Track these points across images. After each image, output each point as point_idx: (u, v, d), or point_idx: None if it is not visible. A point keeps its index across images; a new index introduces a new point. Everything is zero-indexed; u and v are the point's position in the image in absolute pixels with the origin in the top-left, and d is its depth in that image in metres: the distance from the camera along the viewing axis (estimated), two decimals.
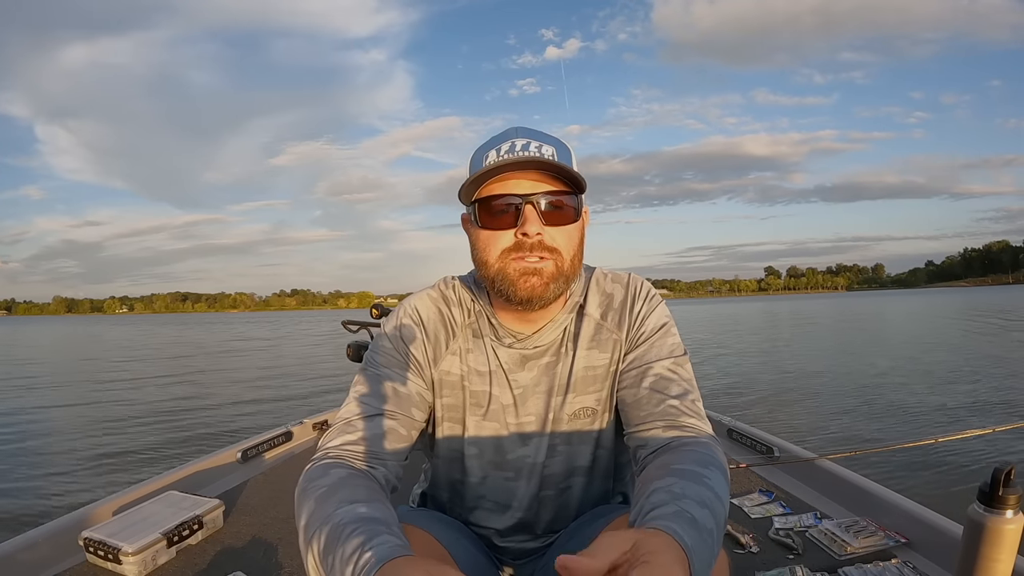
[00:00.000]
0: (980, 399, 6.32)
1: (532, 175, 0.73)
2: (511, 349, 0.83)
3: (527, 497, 0.87)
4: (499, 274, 0.75)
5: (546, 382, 0.84)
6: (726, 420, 2.64)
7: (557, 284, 0.75)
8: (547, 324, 0.83)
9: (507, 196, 0.73)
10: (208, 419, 6.71)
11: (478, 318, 0.85)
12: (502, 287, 0.75)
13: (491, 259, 0.75)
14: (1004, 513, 0.91)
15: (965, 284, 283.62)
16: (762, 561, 1.50)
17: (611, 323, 0.84)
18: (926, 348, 12.03)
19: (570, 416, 0.83)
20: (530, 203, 0.72)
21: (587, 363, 0.83)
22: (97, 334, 37.81)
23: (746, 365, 10.34)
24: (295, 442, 2.73)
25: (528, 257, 0.74)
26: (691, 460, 0.65)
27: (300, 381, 10.14)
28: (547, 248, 0.74)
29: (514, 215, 0.73)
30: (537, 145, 0.75)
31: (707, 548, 0.53)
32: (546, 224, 0.73)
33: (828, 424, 5.43)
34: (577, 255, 0.78)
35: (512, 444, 0.84)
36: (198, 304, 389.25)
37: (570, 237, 0.76)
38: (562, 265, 0.75)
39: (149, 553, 1.53)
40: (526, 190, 0.73)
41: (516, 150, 0.74)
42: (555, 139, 0.78)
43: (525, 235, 0.73)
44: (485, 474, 0.86)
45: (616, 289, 0.86)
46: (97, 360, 16.65)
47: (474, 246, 0.79)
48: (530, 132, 0.77)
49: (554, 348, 0.84)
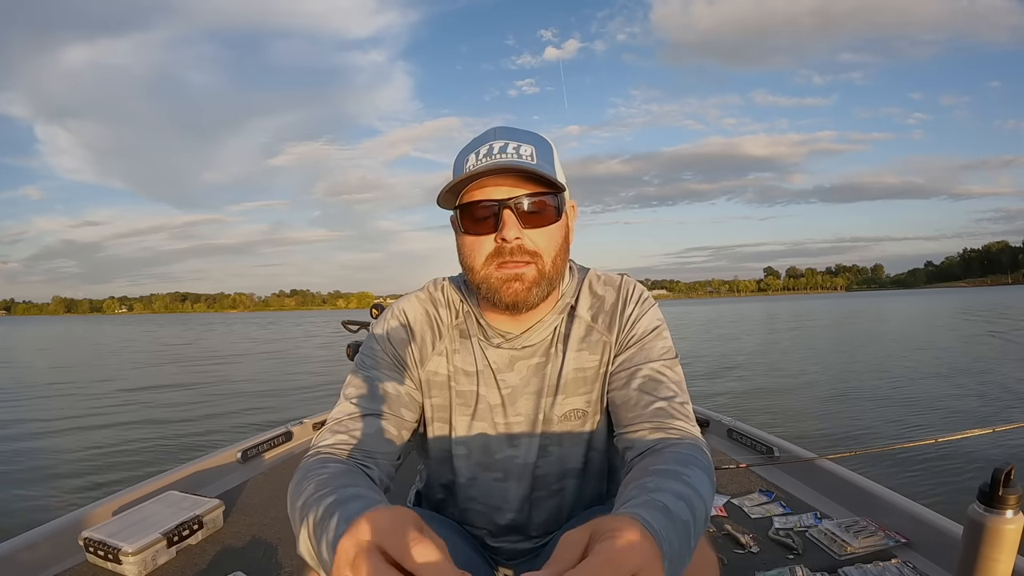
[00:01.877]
0: (980, 399, 6.32)
1: (509, 179, 0.73)
2: (499, 349, 0.84)
3: (518, 498, 0.86)
4: (484, 281, 0.76)
5: (536, 383, 0.84)
6: (726, 420, 2.64)
7: (540, 288, 0.76)
8: (536, 324, 0.83)
9: (485, 202, 0.73)
10: (208, 419, 6.70)
11: (466, 318, 0.86)
12: (488, 294, 0.76)
13: (476, 265, 0.76)
14: (1004, 513, 0.91)
15: (964, 285, 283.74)
16: (762, 561, 1.50)
17: (601, 325, 0.84)
18: (926, 348, 12.03)
19: (560, 417, 0.83)
20: (507, 207, 0.72)
21: (577, 364, 0.83)
22: (97, 334, 37.83)
23: (746, 365, 10.33)
24: (295, 442, 2.73)
25: (509, 263, 0.74)
26: (672, 460, 0.65)
27: (300, 381, 10.14)
28: (527, 252, 0.74)
29: (493, 220, 0.73)
30: (515, 147, 0.74)
31: (680, 538, 0.52)
32: (525, 227, 0.73)
33: (828, 424, 5.42)
34: (560, 255, 0.78)
35: (501, 445, 0.84)
36: (197, 304, 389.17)
37: (551, 238, 0.76)
38: (543, 268, 0.75)
39: (149, 553, 1.53)
40: (504, 195, 0.73)
41: (493, 153, 0.73)
42: (536, 136, 0.78)
43: (504, 240, 0.73)
44: (474, 475, 0.86)
45: (608, 292, 0.86)
46: (97, 360, 16.64)
47: (459, 251, 0.79)
48: (509, 132, 0.77)
49: (544, 348, 0.84)
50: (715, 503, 1.92)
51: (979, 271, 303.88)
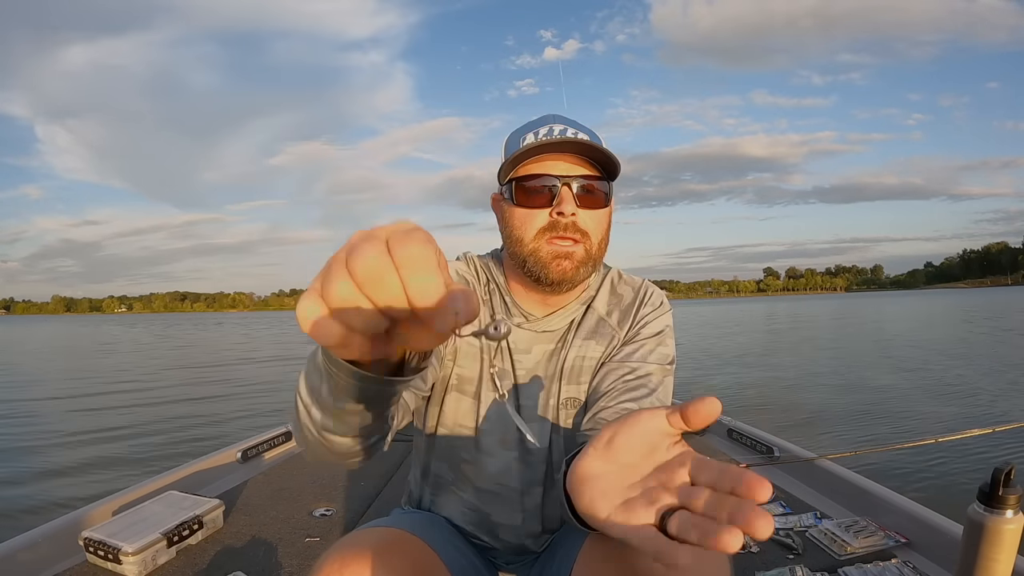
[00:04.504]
0: (980, 399, 6.32)
1: (569, 158, 0.76)
2: (520, 329, 0.85)
3: (531, 482, 0.87)
4: (532, 255, 0.78)
5: (548, 368, 0.86)
6: (726, 420, 2.63)
7: (586, 267, 0.79)
8: (560, 310, 0.85)
9: (544, 176, 0.76)
10: (208, 419, 6.70)
11: (491, 295, 0.87)
12: (534, 268, 0.78)
13: (526, 237, 0.78)
14: (1004, 513, 0.91)
15: (964, 285, 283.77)
16: (762, 561, 1.50)
17: (614, 320, 0.86)
18: (925, 348, 12.03)
19: (563, 404, 0.85)
20: (567, 184, 0.75)
21: (581, 353, 0.85)
22: (96, 334, 37.80)
23: (746, 365, 10.34)
24: (295, 442, 2.73)
25: (561, 240, 0.76)
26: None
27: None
28: (579, 230, 0.76)
29: (549, 195, 0.76)
30: (574, 132, 0.78)
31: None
32: (579, 207, 0.76)
33: (828, 424, 5.42)
34: (604, 240, 0.81)
35: (512, 424, 0.84)
36: (197, 304, 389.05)
37: (600, 222, 0.79)
38: (591, 249, 0.78)
39: (149, 553, 1.53)
40: (562, 171, 0.76)
41: (555, 134, 0.77)
42: (588, 128, 0.81)
43: (560, 215, 0.75)
44: (492, 452, 0.86)
45: (627, 291, 0.89)
46: (97, 360, 16.63)
47: (508, 223, 0.80)
48: (566, 120, 0.81)
49: (560, 335, 0.86)
50: None
51: (979, 272, 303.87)
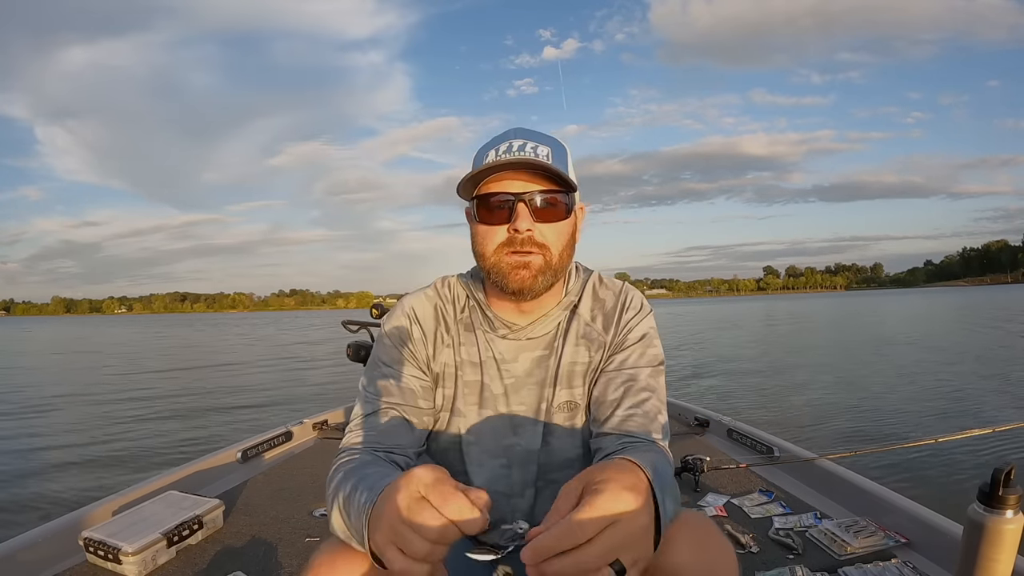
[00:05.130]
0: (980, 399, 6.32)
1: (525, 175, 0.79)
2: (505, 340, 0.89)
3: (522, 485, 0.90)
4: (494, 267, 0.81)
5: (538, 374, 0.89)
6: (726, 420, 2.64)
7: (545, 277, 0.81)
8: (542, 317, 0.88)
9: (501, 194, 0.79)
10: (208, 419, 6.70)
11: (471, 312, 0.91)
12: (496, 279, 0.82)
13: (487, 252, 0.82)
14: (1004, 513, 0.91)
15: (964, 283, 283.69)
16: (762, 561, 1.50)
17: (599, 325, 0.89)
18: (925, 347, 12.03)
19: (557, 408, 0.88)
20: (522, 201, 0.78)
21: (572, 359, 0.88)
22: (97, 334, 37.79)
23: (746, 365, 10.33)
24: (295, 442, 2.73)
25: (519, 252, 0.79)
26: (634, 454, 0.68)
27: (300, 381, 10.14)
28: (536, 243, 0.80)
29: (508, 212, 0.79)
30: (533, 146, 0.80)
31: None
32: (537, 220, 0.79)
33: (828, 424, 5.42)
34: (567, 250, 0.83)
35: (505, 432, 0.88)
36: (197, 304, 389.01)
37: (560, 233, 0.82)
38: (551, 259, 0.81)
39: (149, 553, 1.53)
40: (519, 189, 0.79)
41: (512, 151, 0.79)
42: (552, 139, 0.83)
43: (516, 231, 0.78)
44: (481, 462, 0.90)
45: (608, 296, 0.92)
46: (97, 360, 16.64)
47: (473, 239, 0.85)
48: (528, 133, 0.83)
49: (547, 342, 0.89)
50: (715, 503, 1.92)
51: (978, 270, 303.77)
